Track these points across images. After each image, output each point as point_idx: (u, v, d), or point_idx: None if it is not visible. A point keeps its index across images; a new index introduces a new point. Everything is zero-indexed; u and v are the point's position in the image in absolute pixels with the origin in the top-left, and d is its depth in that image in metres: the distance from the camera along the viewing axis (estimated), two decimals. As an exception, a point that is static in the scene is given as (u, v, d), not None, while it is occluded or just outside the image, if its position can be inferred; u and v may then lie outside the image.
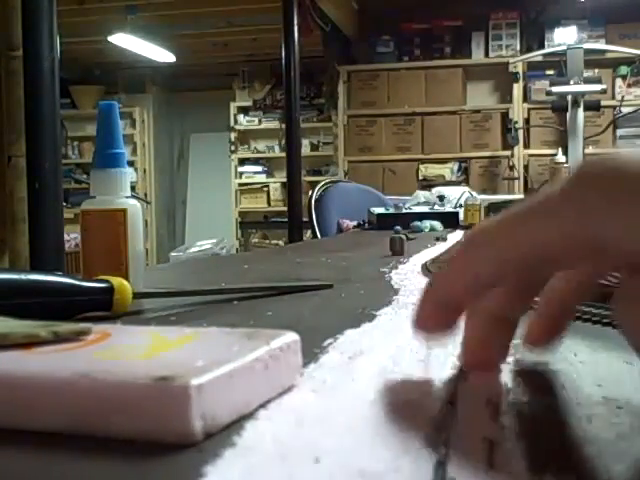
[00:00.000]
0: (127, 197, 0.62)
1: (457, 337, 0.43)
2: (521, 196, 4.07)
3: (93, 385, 0.25)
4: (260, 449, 0.25)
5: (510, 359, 0.38)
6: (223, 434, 0.26)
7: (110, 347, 0.30)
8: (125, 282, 0.51)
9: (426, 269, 0.83)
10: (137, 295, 0.53)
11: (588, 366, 0.37)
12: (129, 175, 0.62)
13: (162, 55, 5.82)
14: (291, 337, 0.32)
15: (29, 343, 0.30)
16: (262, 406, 0.29)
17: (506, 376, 0.34)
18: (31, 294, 0.46)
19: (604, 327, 0.46)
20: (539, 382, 0.34)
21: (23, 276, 0.47)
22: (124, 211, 0.60)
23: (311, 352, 0.39)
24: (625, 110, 4.77)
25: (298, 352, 0.32)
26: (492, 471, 0.23)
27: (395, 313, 0.53)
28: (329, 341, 0.42)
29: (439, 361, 0.37)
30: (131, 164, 6.58)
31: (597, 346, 0.41)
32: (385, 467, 0.23)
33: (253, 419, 0.27)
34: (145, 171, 6.72)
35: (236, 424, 0.27)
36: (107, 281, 0.51)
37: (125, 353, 0.29)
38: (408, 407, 0.30)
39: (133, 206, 0.61)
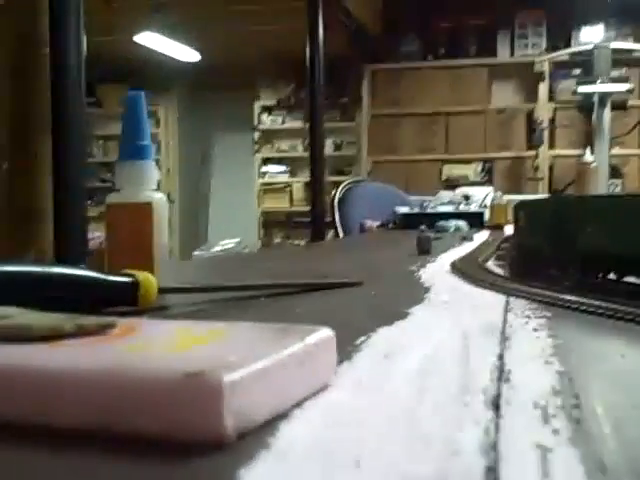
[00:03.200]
0: (153, 190, 0.60)
1: (494, 337, 0.42)
2: (544, 195, 4.02)
3: (118, 379, 0.24)
4: (297, 452, 0.23)
5: (554, 359, 0.36)
6: (257, 435, 0.24)
7: (137, 341, 0.29)
8: (151, 277, 0.50)
9: (455, 268, 0.81)
10: (163, 290, 0.52)
11: (636, 367, 0.35)
12: (155, 167, 0.61)
13: (187, 54, 5.83)
14: (326, 333, 0.30)
15: (53, 336, 0.28)
16: (297, 405, 0.27)
17: (552, 377, 0.33)
18: (55, 287, 0.45)
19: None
20: (586, 384, 0.32)
21: (47, 269, 0.46)
22: (150, 204, 0.59)
23: (344, 350, 0.37)
24: (652, 110, 4.70)
25: (333, 349, 0.31)
26: None
27: (428, 311, 0.51)
28: (362, 339, 0.40)
29: (479, 361, 0.36)
30: (155, 163, 6.59)
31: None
32: (431, 471, 0.22)
33: (288, 419, 0.26)
34: (169, 170, 6.74)
35: (270, 424, 0.25)
36: (132, 275, 0.50)
37: (153, 347, 0.28)
38: (450, 408, 0.28)
39: (159, 199, 0.60)
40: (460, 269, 0.78)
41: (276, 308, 0.54)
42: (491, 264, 0.86)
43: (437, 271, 0.80)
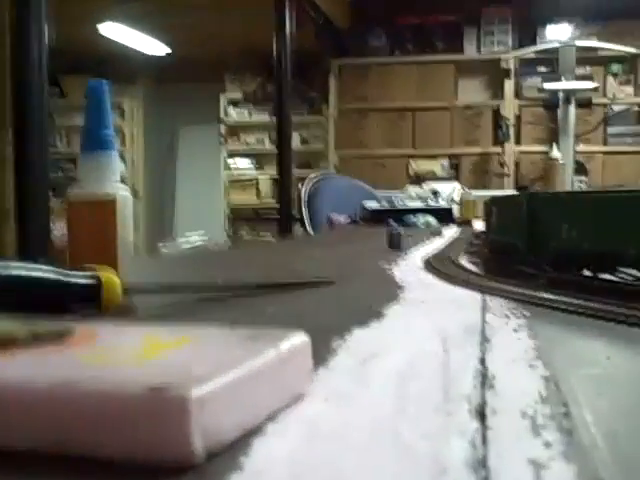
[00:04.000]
0: (117, 182, 0.58)
1: (474, 339, 0.40)
2: (513, 192, 4.05)
3: (74, 394, 0.22)
4: (271, 471, 0.21)
5: (538, 362, 0.35)
6: (227, 454, 0.22)
7: (96, 350, 0.27)
8: (115, 277, 0.48)
9: (429, 264, 0.79)
10: (127, 290, 0.49)
11: (623, 370, 0.34)
12: (118, 158, 0.58)
13: (153, 46, 5.76)
14: (301, 338, 0.28)
15: (3, 345, 0.26)
16: (270, 418, 0.25)
17: (538, 382, 0.31)
18: (9, 289, 0.42)
19: (632, 328, 0.42)
20: (574, 389, 0.31)
21: (2, 269, 0.43)
22: (114, 197, 0.56)
23: (319, 354, 0.35)
24: (616, 108, 4.75)
25: (309, 356, 0.29)
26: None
27: (404, 311, 0.50)
28: (338, 342, 0.39)
29: (460, 365, 0.34)
30: (120, 156, 6.50)
31: (630, 349, 0.38)
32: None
33: (261, 435, 0.24)
34: (134, 163, 6.66)
35: (242, 441, 0.23)
36: (95, 274, 0.47)
37: (113, 356, 0.25)
38: (434, 418, 0.27)
39: (123, 193, 0.57)
40: (434, 266, 0.77)
41: (247, 308, 0.52)
42: (464, 260, 0.85)
43: (410, 268, 0.79)
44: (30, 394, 0.22)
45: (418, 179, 4.71)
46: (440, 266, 0.75)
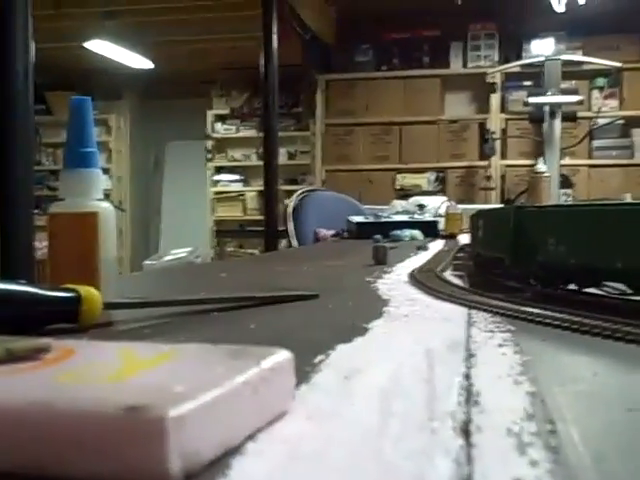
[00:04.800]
0: (99, 199, 0.57)
1: (459, 354, 0.40)
2: (499, 206, 4.07)
3: (51, 416, 0.21)
4: (251, 493, 0.21)
5: (523, 378, 0.34)
6: (206, 474, 0.22)
7: (72, 368, 0.26)
8: (94, 291, 0.47)
9: (413, 279, 0.79)
10: (107, 305, 0.48)
11: (610, 387, 0.33)
12: (102, 176, 0.58)
13: (139, 62, 5.76)
14: (283, 355, 0.28)
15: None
16: (250, 437, 0.25)
17: (523, 399, 0.31)
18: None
19: (617, 342, 0.42)
20: (560, 406, 0.30)
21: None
22: (96, 214, 0.55)
23: (302, 371, 0.35)
24: (601, 122, 4.78)
25: (291, 373, 0.28)
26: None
27: (388, 326, 0.49)
28: (320, 357, 0.38)
29: (445, 381, 0.34)
30: (106, 171, 6.49)
31: (616, 364, 0.38)
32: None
33: (240, 454, 0.23)
34: (120, 179, 6.64)
35: (221, 461, 0.23)
36: (74, 290, 0.46)
37: (90, 376, 0.25)
38: (418, 436, 0.26)
39: (106, 209, 0.57)
40: (418, 280, 0.76)
41: (229, 324, 0.51)
42: (449, 274, 0.84)
43: (395, 282, 0.79)
44: (4, 414, 0.21)
45: (405, 193, 4.72)
46: (425, 280, 0.75)
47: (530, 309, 0.52)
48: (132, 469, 0.20)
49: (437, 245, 1.62)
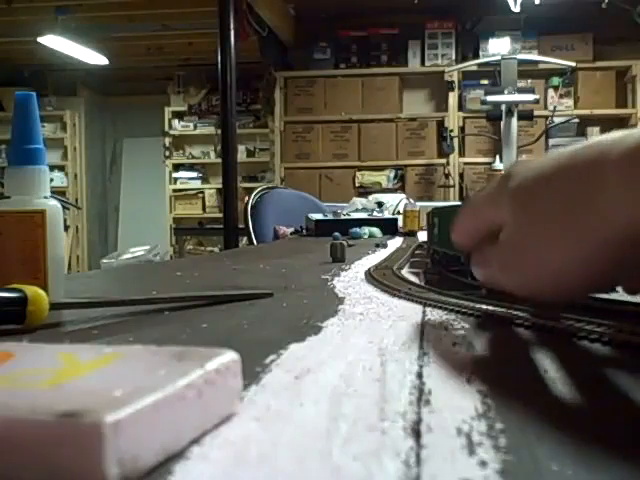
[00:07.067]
0: (46, 197, 0.56)
1: (412, 353, 0.40)
2: (458, 203, 4.10)
3: (-20, 423, 0.20)
4: (192, 500, 0.20)
5: (475, 376, 0.34)
6: (146, 481, 0.21)
7: (9, 372, 0.25)
8: (41, 291, 0.46)
9: (370, 276, 0.79)
10: (55, 306, 0.47)
11: (560, 384, 0.33)
12: (48, 173, 0.56)
13: (94, 58, 5.68)
14: (230, 357, 0.27)
15: None
16: (195, 441, 0.24)
17: (474, 397, 0.30)
18: None
19: (570, 339, 0.42)
20: (510, 404, 0.30)
21: None
22: (43, 212, 0.54)
23: (252, 371, 0.34)
24: (557, 120, 4.86)
25: (238, 374, 0.27)
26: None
27: (342, 324, 0.49)
28: (272, 357, 0.37)
29: (396, 380, 0.33)
30: (61, 169, 6.40)
31: (567, 361, 0.38)
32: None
33: (184, 459, 0.23)
34: (76, 176, 6.55)
35: (163, 467, 0.22)
36: (20, 290, 0.45)
37: (25, 380, 0.24)
38: (368, 437, 0.26)
39: (53, 207, 0.55)
40: (375, 278, 0.76)
41: (181, 324, 0.50)
42: (406, 272, 0.84)
43: (351, 280, 0.78)
44: None
45: (365, 190, 4.73)
46: (381, 278, 0.74)
47: (484, 306, 0.52)
48: (68, 477, 0.20)
49: (396, 242, 1.62)
